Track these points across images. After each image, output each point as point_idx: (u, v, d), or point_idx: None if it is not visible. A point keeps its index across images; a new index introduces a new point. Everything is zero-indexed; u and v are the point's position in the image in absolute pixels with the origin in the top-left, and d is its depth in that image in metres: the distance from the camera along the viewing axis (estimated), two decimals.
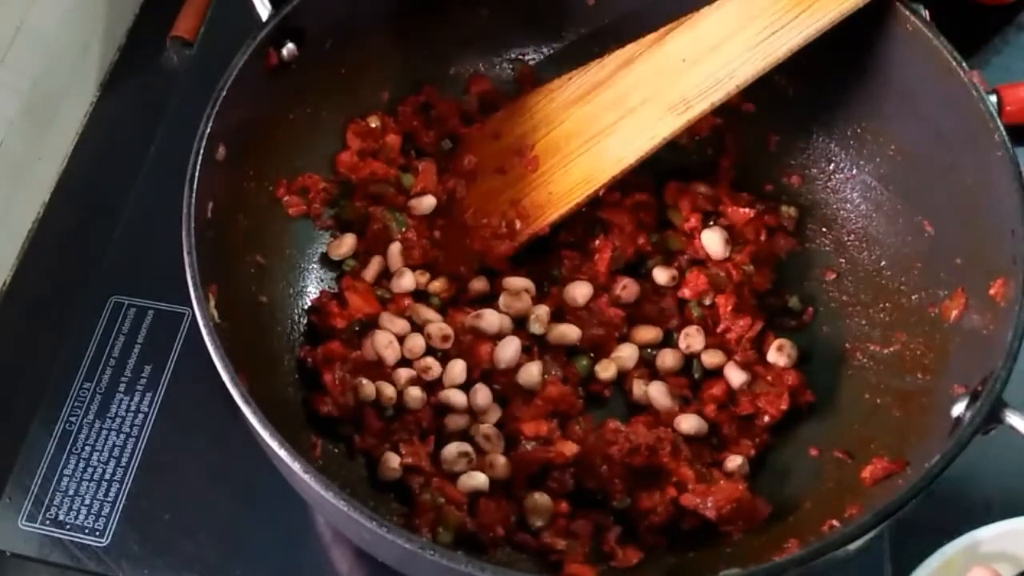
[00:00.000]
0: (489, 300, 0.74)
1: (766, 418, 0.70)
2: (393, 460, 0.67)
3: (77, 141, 0.89)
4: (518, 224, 0.75)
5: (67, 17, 0.86)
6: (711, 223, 0.77)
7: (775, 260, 0.76)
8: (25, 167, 0.83)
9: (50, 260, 0.83)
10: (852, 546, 0.52)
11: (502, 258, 0.75)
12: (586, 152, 0.74)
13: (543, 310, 0.73)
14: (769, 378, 0.71)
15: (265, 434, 0.54)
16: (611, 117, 0.74)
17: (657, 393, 0.71)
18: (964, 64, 0.65)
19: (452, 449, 0.67)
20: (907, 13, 0.67)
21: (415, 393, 0.69)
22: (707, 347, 0.73)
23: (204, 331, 0.56)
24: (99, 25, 0.91)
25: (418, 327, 0.72)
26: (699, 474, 0.66)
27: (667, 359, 0.73)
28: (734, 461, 0.68)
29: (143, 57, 0.94)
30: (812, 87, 0.77)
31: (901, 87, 0.69)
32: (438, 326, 0.71)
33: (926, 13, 0.72)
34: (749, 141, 0.80)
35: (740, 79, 0.68)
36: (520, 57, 0.83)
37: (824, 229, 0.77)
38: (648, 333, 0.74)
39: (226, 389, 0.55)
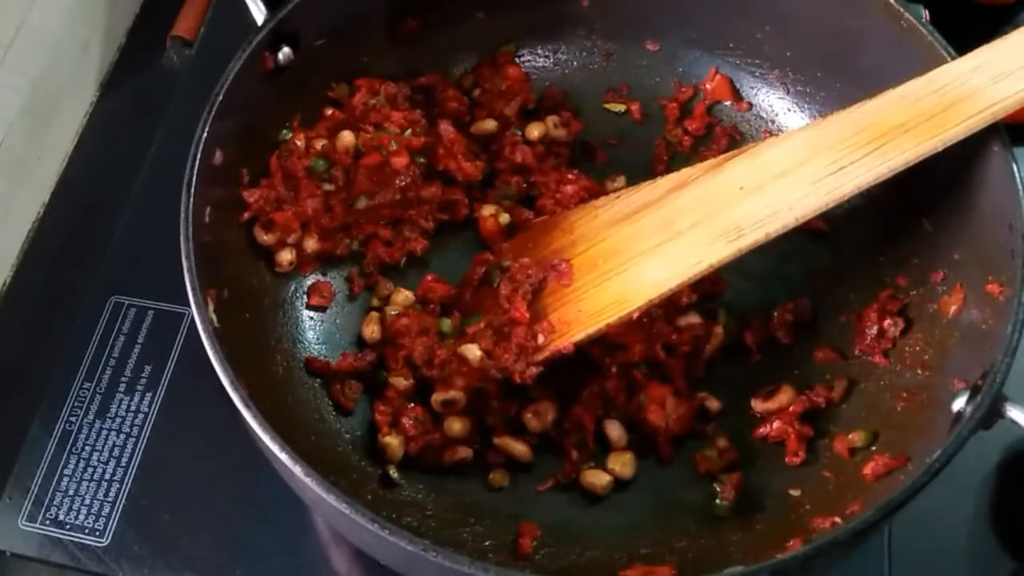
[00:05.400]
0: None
1: None
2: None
3: (77, 141, 0.89)
4: (541, 338, 0.69)
5: (67, 17, 0.86)
6: None
7: None
8: (25, 167, 0.83)
9: (50, 260, 0.83)
10: (854, 543, 0.52)
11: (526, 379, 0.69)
12: (624, 272, 0.69)
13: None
14: None
15: (266, 438, 0.54)
16: (656, 239, 0.69)
17: None
18: None
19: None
20: (904, 13, 0.67)
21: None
22: None
23: (203, 336, 0.56)
24: (99, 25, 0.91)
25: None
26: None
27: None
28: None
29: (143, 57, 0.94)
30: (807, 84, 0.77)
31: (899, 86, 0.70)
32: None
33: (926, 13, 0.72)
34: (744, 138, 0.80)
35: (800, 212, 0.64)
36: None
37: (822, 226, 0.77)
38: None
39: (226, 390, 0.55)
